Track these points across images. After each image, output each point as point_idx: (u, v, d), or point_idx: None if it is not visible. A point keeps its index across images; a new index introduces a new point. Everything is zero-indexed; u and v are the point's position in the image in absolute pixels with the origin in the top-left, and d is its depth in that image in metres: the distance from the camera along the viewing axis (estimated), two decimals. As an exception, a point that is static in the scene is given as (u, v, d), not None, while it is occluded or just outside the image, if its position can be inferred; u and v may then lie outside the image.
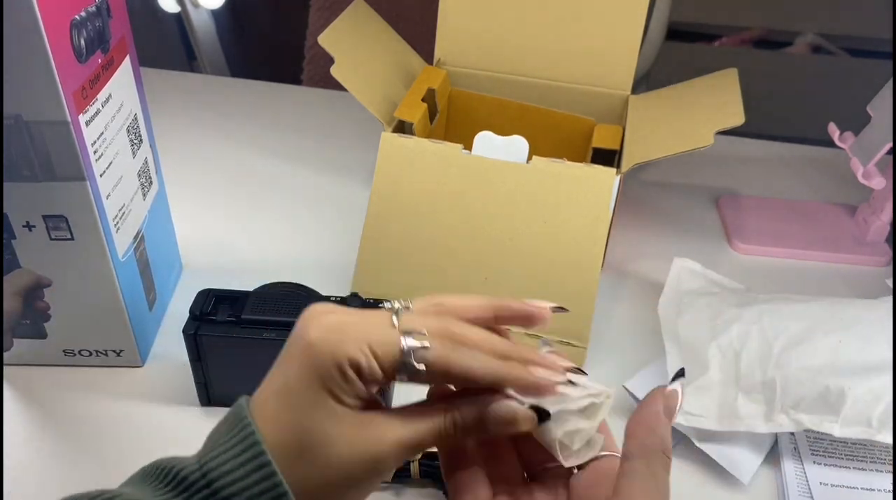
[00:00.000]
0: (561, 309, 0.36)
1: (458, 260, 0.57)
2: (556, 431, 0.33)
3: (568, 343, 0.56)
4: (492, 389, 0.32)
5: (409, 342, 0.30)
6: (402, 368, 0.30)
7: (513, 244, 0.56)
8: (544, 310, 0.35)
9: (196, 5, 1.15)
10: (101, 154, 0.47)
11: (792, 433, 0.52)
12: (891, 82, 0.66)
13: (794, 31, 1.29)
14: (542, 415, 0.32)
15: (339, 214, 0.73)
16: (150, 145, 0.56)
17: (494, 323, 0.35)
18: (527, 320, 0.35)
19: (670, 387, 0.33)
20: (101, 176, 0.47)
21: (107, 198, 0.48)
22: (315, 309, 0.31)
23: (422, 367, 0.30)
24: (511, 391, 0.32)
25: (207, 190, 0.76)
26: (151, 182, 0.57)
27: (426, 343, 0.30)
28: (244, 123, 0.88)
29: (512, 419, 0.32)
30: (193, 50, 1.21)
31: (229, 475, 0.29)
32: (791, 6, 1.25)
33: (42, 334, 0.53)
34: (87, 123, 0.45)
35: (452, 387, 0.35)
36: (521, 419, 0.32)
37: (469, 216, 0.57)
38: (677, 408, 0.33)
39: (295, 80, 1.17)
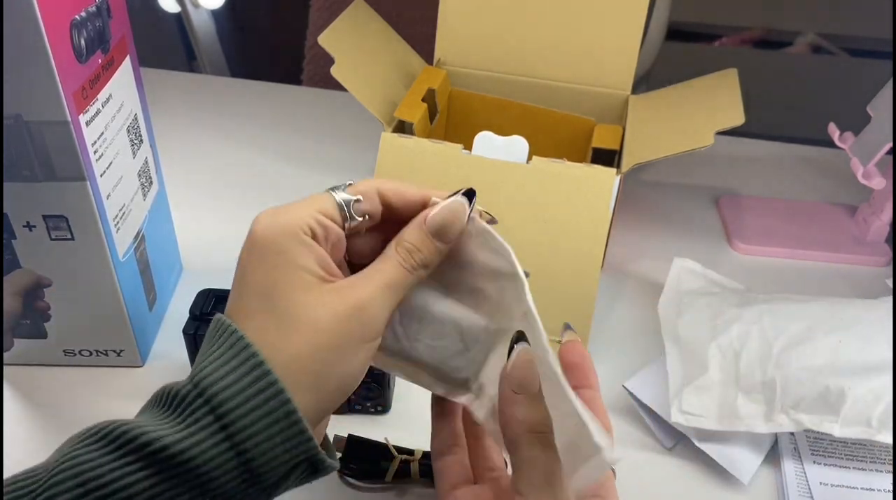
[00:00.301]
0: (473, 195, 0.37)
1: (458, 260, 0.57)
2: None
3: (568, 343, 0.56)
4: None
5: (341, 193, 0.34)
6: (344, 208, 0.34)
7: (513, 244, 0.56)
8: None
9: (196, 5, 1.15)
10: (102, 154, 0.47)
11: (792, 433, 0.52)
12: (891, 82, 0.66)
13: (794, 31, 1.29)
14: (470, 194, 0.35)
15: (339, 214, 0.73)
16: (150, 145, 0.56)
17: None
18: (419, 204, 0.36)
19: (509, 362, 0.33)
20: (101, 176, 0.47)
21: (107, 198, 0.48)
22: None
23: (358, 196, 0.34)
24: (436, 198, 0.35)
25: (207, 190, 0.76)
26: (151, 182, 0.57)
27: (352, 181, 0.35)
28: (244, 123, 0.88)
29: (447, 213, 0.34)
30: (193, 50, 1.21)
31: (222, 380, 0.29)
32: (791, 6, 1.25)
33: (42, 334, 0.53)
34: (88, 123, 0.45)
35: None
36: (455, 210, 0.34)
37: (469, 216, 0.57)
38: (529, 374, 0.33)
39: (295, 80, 1.17)
